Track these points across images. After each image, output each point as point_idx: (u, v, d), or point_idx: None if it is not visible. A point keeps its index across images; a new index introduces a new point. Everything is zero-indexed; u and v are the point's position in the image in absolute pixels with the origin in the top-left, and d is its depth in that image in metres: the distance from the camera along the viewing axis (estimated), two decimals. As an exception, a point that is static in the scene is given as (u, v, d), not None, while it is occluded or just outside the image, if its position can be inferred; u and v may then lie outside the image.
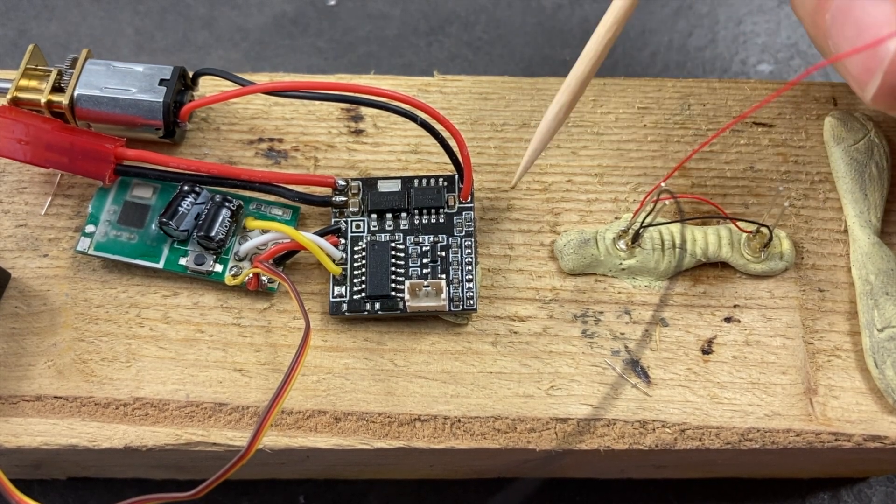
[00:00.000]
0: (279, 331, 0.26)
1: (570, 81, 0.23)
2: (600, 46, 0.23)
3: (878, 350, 0.26)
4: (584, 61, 0.23)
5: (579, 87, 0.23)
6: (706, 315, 0.27)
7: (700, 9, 0.44)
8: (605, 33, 0.23)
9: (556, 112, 0.24)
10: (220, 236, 0.26)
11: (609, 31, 0.23)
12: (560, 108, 0.24)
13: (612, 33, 0.23)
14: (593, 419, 0.25)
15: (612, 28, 0.22)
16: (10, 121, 0.26)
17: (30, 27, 0.42)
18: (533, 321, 0.27)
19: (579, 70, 0.23)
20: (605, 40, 0.23)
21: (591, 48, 0.23)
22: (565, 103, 0.24)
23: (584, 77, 0.23)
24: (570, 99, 0.23)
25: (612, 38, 0.23)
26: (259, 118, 0.29)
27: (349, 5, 0.43)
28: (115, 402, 0.25)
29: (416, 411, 0.25)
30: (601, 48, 0.23)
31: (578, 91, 0.23)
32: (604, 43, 0.23)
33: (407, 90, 0.30)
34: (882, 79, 0.19)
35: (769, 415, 0.25)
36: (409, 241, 0.27)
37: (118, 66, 0.27)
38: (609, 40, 0.23)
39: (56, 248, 0.27)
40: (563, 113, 0.24)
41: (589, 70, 0.23)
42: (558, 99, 0.24)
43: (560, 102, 0.24)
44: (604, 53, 0.23)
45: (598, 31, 0.23)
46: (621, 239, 0.27)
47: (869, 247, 0.27)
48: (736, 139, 0.29)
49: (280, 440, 0.25)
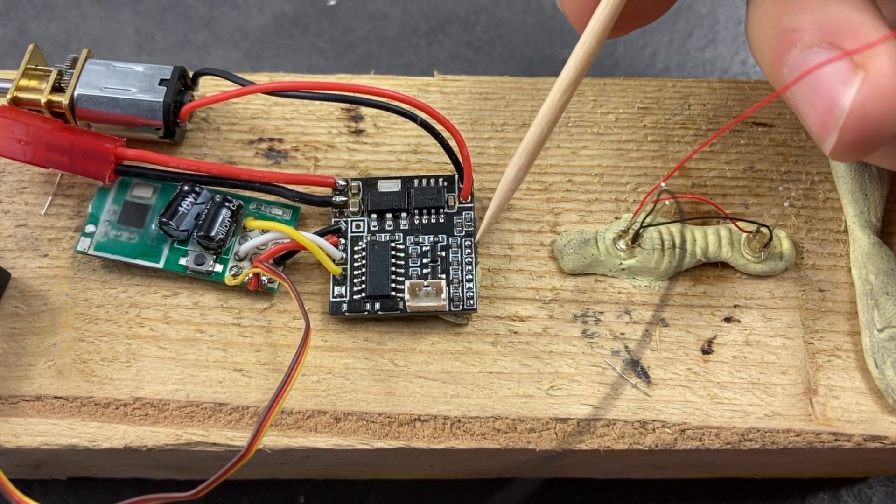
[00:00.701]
0: (279, 331, 0.26)
1: (528, 143, 0.23)
2: (554, 112, 0.23)
3: (878, 350, 0.26)
4: (539, 125, 0.23)
5: (536, 148, 0.23)
6: (706, 315, 0.27)
7: (700, 9, 0.44)
8: (560, 97, 0.22)
9: (516, 172, 0.24)
10: (220, 236, 0.26)
11: (563, 95, 0.22)
12: (520, 168, 0.24)
13: (566, 96, 0.22)
14: (593, 419, 0.25)
15: (567, 91, 0.22)
16: (10, 121, 0.26)
17: (30, 27, 0.42)
18: (533, 321, 0.27)
19: (535, 133, 0.23)
20: (559, 105, 0.23)
21: (544, 113, 0.23)
22: (523, 165, 0.24)
23: (540, 138, 0.23)
24: (528, 161, 0.23)
25: (566, 101, 0.23)
26: (259, 118, 0.29)
27: (349, 5, 0.43)
28: (115, 402, 0.25)
29: (416, 411, 0.25)
30: (555, 113, 0.23)
31: (536, 150, 0.23)
32: (558, 107, 0.23)
33: (407, 90, 0.30)
34: (837, 136, 0.19)
35: (769, 415, 0.25)
36: (409, 241, 0.27)
37: (118, 66, 0.27)
38: (563, 103, 0.23)
39: (56, 248, 0.27)
40: (524, 172, 0.24)
41: (544, 133, 0.23)
42: (517, 160, 0.24)
43: (518, 164, 0.24)
44: (559, 114, 0.23)
45: (552, 96, 0.22)
46: (621, 239, 0.27)
47: (869, 247, 0.27)
48: (736, 139, 0.29)
49: (280, 440, 0.25)
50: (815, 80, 0.19)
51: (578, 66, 0.22)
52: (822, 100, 0.19)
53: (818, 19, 0.20)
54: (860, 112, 0.19)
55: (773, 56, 0.21)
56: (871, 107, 0.19)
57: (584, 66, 0.22)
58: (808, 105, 0.20)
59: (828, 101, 0.19)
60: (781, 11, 0.20)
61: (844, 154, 0.20)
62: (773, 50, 0.21)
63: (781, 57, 0.20)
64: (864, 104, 0.19)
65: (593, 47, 0.22)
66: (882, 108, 0.19)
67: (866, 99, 0.19)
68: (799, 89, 0.20)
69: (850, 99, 0.19)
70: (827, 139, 0.20)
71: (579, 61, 0.22)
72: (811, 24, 0.20)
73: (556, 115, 0.23)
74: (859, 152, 0.20)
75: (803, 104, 0.20)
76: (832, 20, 0.19)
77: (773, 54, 0.21)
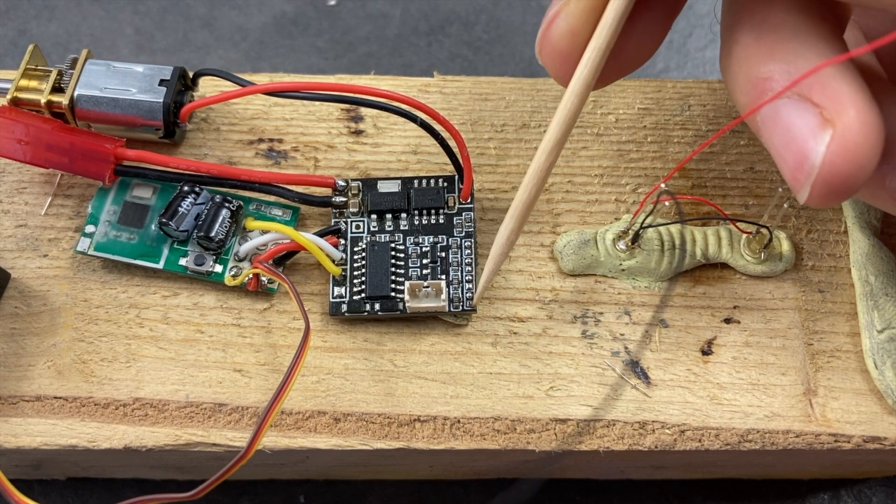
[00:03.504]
0: (279, 331, 0.26)
1: (516, 207, 0.23)
2: (541, 175, 0.22)
3: (877, 351, 0.26)
4: (526, 188, 0.23)
5: (525, 211, 0.23)
6: (706, 316, 0.27)
7: (700, 9, 0.44)
8: (546, 158, 0.22)
9: (507, 236, 0.23)
10: (220, 237, 0.26)
11: (549, 157, 0.22)
12: (511, 232, 0.23)
13: (553, 157, 0.22)
14: (593, 420, 0.25)
15: (553, 152, 0.22)
16: (10, 121, 0.26)
17: (30, 27, 0.42)
18: (533, 322, 0.27)
19: (523, 196, 0.23)
20: (545, 167, 0.22)
21: (530, 177, 0.22)
22: (514, 229, 0.23)
23: (528, 202, 0.23)
24: (519, 224, 0.23)
25: (552, 162, 0.22)
26: (259, 118, 0.29)
27: (349, 5, 0.43)
28: (115, 403, 0.25)
29: (416, 412, 0.25)
30: (542, 175, 0.22)
31: (526, 214, 0.23)
32: (544, 168, 0.22)
33: (407, 90, 0.30)
34: (810, 189, 0.19)
35: (769, 416, 0.25)
36: (409, 241, 0.27)
37: (118, 67, 0.27)
38: (550, 164, 0.22)
39: (56, 248, 0.27)
40: (515, 235, 0.24)
41: (532, 197, 0.23)
42: (507, 224, 0.23)
43: (509, 228, 0.23)
44: (546, 176, 0.22)
45: (537, 158, 0.22)
46: (621, 240, 0.27)
47: (869, 248, 0.27)
48: (736, 140, 0.29)
49: (280, 441, 0.25)
50: (787, 134, 0.19)
51: (563, 127, 0.22)
52: (793, 154, 0.19)
53: (787, 69, 0.20)
54: (829, 169, 0.19)
55: (745, 103, 0.21)
56: (839, 164, 0.19)
57: (568, 126, 0.22)
58: (781, 158, 0.20)
59: (799, 156, 0.19)
60: (752, 58, 0.20)
61: (818, 204, 0.20)
62: (746, 97, 0.21)
63: (753, 105, 0.20)
64: (833, 161, 0.19)
65: (576, 107, 0.21)
66: (851, 164, 0.19)
67: (835, 157, 0.19)
68: (772, 140, 0.20)
69: (819, 156, 0.19)
70: (800, 191, 0.20)
71: (563, 122, 0.22)
72: (780, 74, 0.20)
73: (542, 177, 0.22)
74: (833, 202, 0.20)
75: (776, 155, 0.20)
76: (800, 70, 0.19)
77: (746, 101, 0.21)
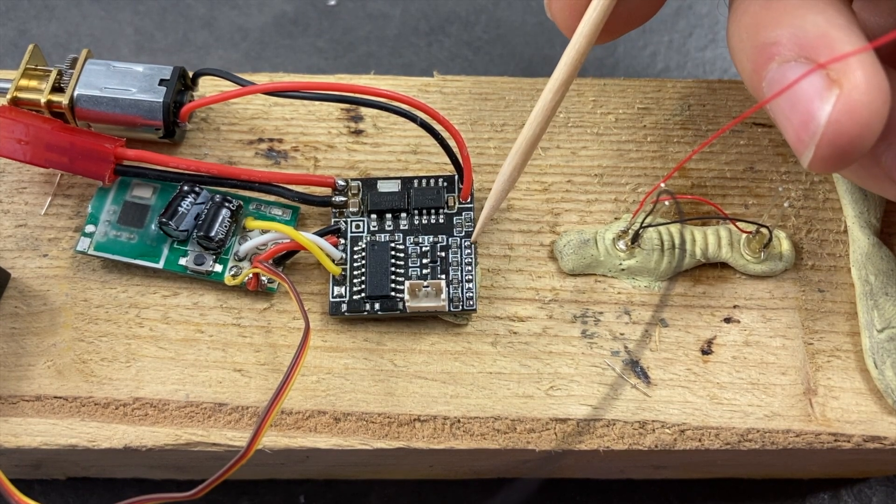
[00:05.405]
0: (279, 331, 0.26)
1: (521, 143, 0.24)
2: (546, 113, 0.23)
3: (877, 350, 0.26)
4: (531, 125, 0.23)
5: (529, 148, 0.24)
6: (706, 315, 0.27)
7: (700, 9, 0.44)
8: (552, 97, 0.23)
9: (510, 172, 0.24)
10: (220, 236, 0.26)
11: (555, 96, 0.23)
12: (514, 168, 0.24)
13: (558, 96, 0.23)
14: (593, 419, 0.25)
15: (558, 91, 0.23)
16: (10, 121, 0.26)
17: (30, 27, 0.42)
18: (533, 321, 0.27)
19: (528, 133, 0.23)
20: (551, 105, 0.23)
21: (536, 114, 0.23)
22: (517, 165, 0.24)
23: (533, 139, 0.24)
24: (522, 161, 0.24)
25: (558, 101, 0.23)
26: (259, 118, 0.29)
27: (349, 5, 0.43)
28: (115, 403, 0.25)
29: (416, 412, 0.25)
30: (547, 113, 0.23)
31: (530, 150, 0.24)
32: (550, 107, 0.23)
33: (407, 90, 0.30)
34: (814, 151, 0.20)
35: (769, 415, 0.25)
36: (409, 241, 0.27)
37: (118, 66, 0.27)
38: (555, 104, 0.23)
39: (56, 248, 0.27)
40: (518, 172, 0.24)
41: (537, 133, 0.23)
42: (510, 160, 0.24)
43: (512, 164, 0.24)
44: (551, 115, 0.23)
45: (544, 97, 0.23)
46: (621, 239, 0.27)
47: (869, 247, 0.27)
48: (736, 139, 0.29)
49: (280, 440, 0.25)
50: (793, 96, 0.20)
51: (569, 67, 0.23)
52: (798, 115, 0.20)
53: (795, 33, 0.20)
54: (835, 128, 0.19)
55: (751, 69, 0.21)
56: (845, 123, 0.19)
57: (574, 66, 0.23)
58: (785, 119, 0.20)
59: (804, 116, 0.19)
60: (759, 25, 0.21)
61: (821, 167, 0.20)
62: (752, 63, 0.21)
63: (760, 71, 0.21)
64: (838, 120, 0.19)
65: (584, 48, 0.22)
66: (856, 124, 0.19)
67: (841, 115, 0.19)
68: (777, 104, 0.20)
69: (825, 115, 0.19)
70: (804, 153, 0.20)
71: (570, 62, 0.23)
72: (788, 39, 0.20)
73: (548, 115, 0.23)
74: (836, 166, 0.20)
75: (781, 118, 0.20)
76: (808, 34, 0.20)
77: (752, 68, 0.21)
